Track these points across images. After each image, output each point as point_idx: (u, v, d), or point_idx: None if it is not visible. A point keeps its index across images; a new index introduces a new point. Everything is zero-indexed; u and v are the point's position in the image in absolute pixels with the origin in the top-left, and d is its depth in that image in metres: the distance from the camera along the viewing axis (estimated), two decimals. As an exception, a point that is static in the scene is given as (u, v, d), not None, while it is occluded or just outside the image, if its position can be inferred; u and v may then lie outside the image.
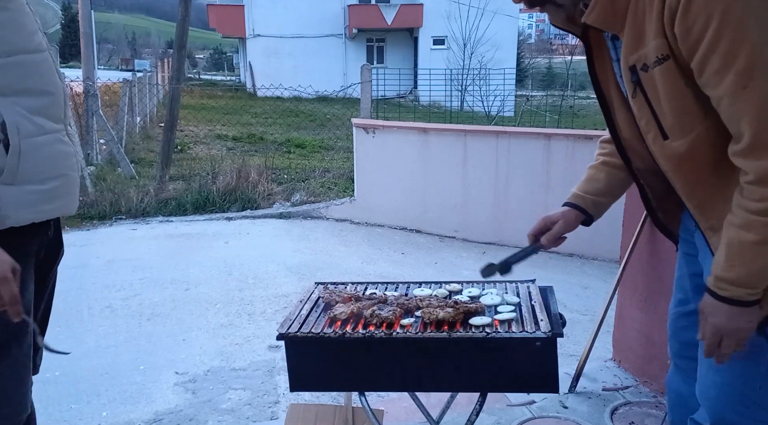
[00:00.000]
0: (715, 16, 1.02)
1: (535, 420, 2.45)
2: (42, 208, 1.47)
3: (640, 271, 2.67)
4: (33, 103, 1.42)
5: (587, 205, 1.62)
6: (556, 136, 5.78)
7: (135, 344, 3.54)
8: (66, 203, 1.55)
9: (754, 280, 1.16)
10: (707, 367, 1.33)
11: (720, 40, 1.03)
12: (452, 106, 13.92)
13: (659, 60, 1.13)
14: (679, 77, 1.13)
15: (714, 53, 1.05)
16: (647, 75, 1.17)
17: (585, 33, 1.31)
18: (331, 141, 11.44)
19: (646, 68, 1.16)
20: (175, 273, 4.89)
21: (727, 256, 1.17)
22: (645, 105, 1.21)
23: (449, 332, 1.56)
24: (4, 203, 1.37)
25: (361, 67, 7.65)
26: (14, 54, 1.40)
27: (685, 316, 1.50)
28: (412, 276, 4.92)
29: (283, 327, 1.63)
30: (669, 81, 1.14)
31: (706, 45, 1.05)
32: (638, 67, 1.18)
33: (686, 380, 1.60)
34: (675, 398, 1.67)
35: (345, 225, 6.68)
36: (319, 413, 2.11)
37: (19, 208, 1.41)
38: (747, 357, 1.24)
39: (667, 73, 1.13)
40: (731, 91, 1.06)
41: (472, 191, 6.14)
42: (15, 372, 1.47)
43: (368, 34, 28.15)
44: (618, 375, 2.82)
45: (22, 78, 1.40)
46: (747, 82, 1.04)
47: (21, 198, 1.41)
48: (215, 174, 7.60)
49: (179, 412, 2.87)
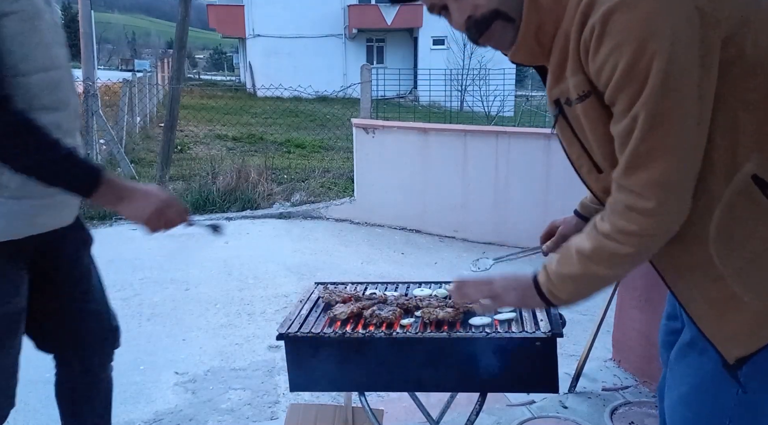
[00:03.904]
0: (624, 58, 0.99)
1: (535, 420, 2.45)
2: (40, 221, 1.49)
3: (639, 272, 2.67)
4: (49, 119, 1.41)
5: (590, 213, 1.63)
6: (556, 136, 5.76)
7: (135, 344, 3.54)
8: (65, 214, 1.58)
9: (558, 279, 1.22)
10: (677, 398, 1.28)
11: (626, 81, 1.01)
12: (452, 106, 13.92)
13: (581, 97, 1.10)
14: (601, 113, 1.10)
15: (620, 92, 1.03)
16: (571, 109, 1.15)
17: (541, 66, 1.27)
18: (331, 141, 11.44)
19: (570, 103, 1.14)
20: (175, 273, 4.89)
21: (559, 253, 1.24)
22: (574, 139, 1.20)
23: (449, 332, 1.56)
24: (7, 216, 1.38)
25: (361, 67, 7.65)
26: (32, 73, 1.39)
27: (673, 333, 1.43)
28: (412, 276, 4.92)
29: (283, 327, 1.64)
30: (592, 117, 1.11)
31: (615, 83, 1.02)
32: (562, 101, 1.16)
33: None
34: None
35: (345, 225, 6.68)
36: (319, 413, 2.11)
37: (15, 220, 1.41)
38: (713, 393, 1.19)
39: (590, 109, 1.11)
40: (624, 132, 1.05)
41: (472, 191, 6.14)
42: (7, 365, 1.48)
43: (368, 34, 28.15)
44: (618, 375, 2.82)
45: (38, 96, 1.39)
46: (634, 126, 1.03)
47: (23, 211, 1.42)
48: (215, 174, 7.59)
49: (179, 412, 2.87)
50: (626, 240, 1.10)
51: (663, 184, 1.04)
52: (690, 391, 1.24)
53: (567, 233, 1.66)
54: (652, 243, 1.11)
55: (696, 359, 1.23)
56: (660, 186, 1.04)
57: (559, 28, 1.11)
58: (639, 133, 1.02)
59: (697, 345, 1.22)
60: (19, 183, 1.38)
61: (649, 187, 1.05)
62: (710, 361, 1.18)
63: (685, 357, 1.26)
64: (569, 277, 1.20)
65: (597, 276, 1.18)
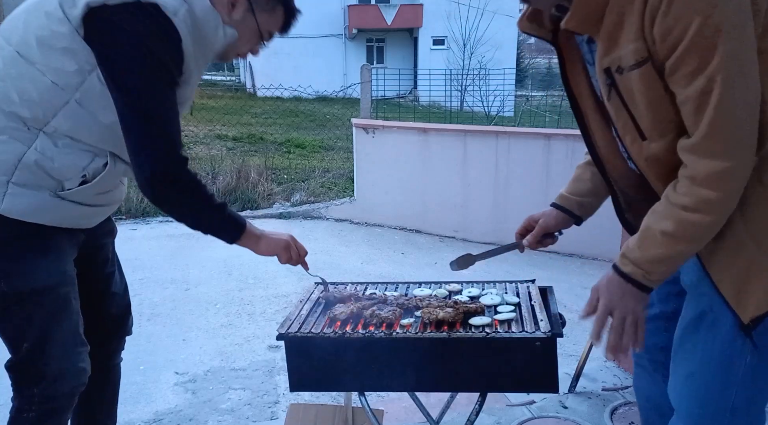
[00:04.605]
0: (696, 19, 1.03)
1: (535, 420, 2.45)
2: (94, 220, 1.68)
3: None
4: (122, 150, 1.52)
5: (571, 206, 1.63)
6: (555, 136, 5.78)
7: (135, 344, 3.52)
8: (108, 212, 1.74)
9: (649, 265, 1.21)
10: (684, 373, 1.32)
11: (697, 44, 1.05)
12: (452, 106, 13.90)
13: (638, 63, 1.13)
14: (657, 80, 1.13)
15: (689, 55, 1.06)
16: (622, 77, 1.17)
17: (555, 37, 1.31)
18: (331, 141, 11.44)
19: (621, 71, 1.16)
20: (175, 273, 4.89)
21: (639, 238, 1.22)
22: (621, 107, 1.21)
23: (449, 332, 1.57)
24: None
25: (361, 67, 7.64)
26: None
27: (649, 321, 1.49)
28: (412, 276, 4.92)
29: (283, 327, 1.64)
30: (646, 84, 1.14)
31: (684, 46, 1.06)
32: (613, 70, 1.18)
33: (652, 381, 1.61)
34: (645, 403, 1.68)
35: (345, 225, 6.68)
36: (319, 413, 2.11)
37: (75, 218, 1.58)
38: (723, 364, 1.25)
39: (646, 77, 1.13)
40: (698, 94, 1.07)
41: (472, 191, 6.14)
42: (70, 329, 1.61)
43: (368, 34, 28.14)
44: (618, 375, 2.82)
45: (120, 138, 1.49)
46: (712, 87, 1.06)
47: (83, 213, 1.59)
48: (215, 174, 7.59)
49: (179, 412, 2.87)
50: (710, 208, 1.13)
51: (740, 140, 1.08)
52: (700, 366, 1.28)
53: (548, 226, 1.66)
54: (731, 205, 1.14)
55: (705, 333, 1.26)
56: (739, 142, 1.08)
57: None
58: (718, 94, 1.05)
59: (707, 319, 1.26)
60: (79, 193, 1.53)
61: (730, 146, 1.08)
62: (721, 332, 1.23)
63: (694, 334, 1.29)
64: (658, 260, 1.21)
65: (685, 253, 1.20)
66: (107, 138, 1.50)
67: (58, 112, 1.43)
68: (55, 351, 1.57)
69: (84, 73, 1.42)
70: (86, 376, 1.65)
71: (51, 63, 1.40)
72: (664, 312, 1.54)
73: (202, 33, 1.51)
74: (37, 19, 1.41)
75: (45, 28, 1.40)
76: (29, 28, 1.42)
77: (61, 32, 1.39)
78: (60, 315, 1.57)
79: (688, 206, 1.14)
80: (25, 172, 1.45)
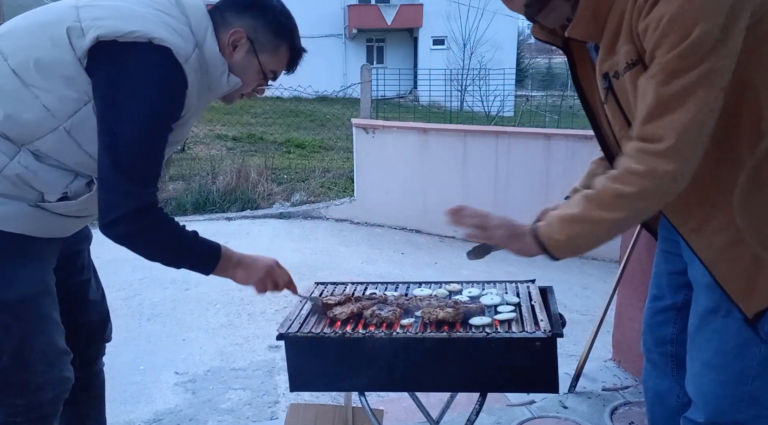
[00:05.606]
0: (668, 12, 1.06)
1: (535, 420, 2.45)
2: (72, 229, 1.64)
3: (639, 271, 2.67)
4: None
5: None
6: (555, 136, 5.78)
7: (135, 344, 3.54)
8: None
9: (557, 225, 1.29)
10: (701, 365, 1.34)
11: (666, 34, 1.08)
12: (452, 106, 13.91)
13: (629, 65, 1.17)
14: None
15: (662, 42, 1.09)
16: (619, 82, 1.21)
17: (566, 44, 1.36)
18: (331, 141, 11.44)
19: (618, 76, 1.21)
20: (175, 273, 4.86)
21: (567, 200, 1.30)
22: (617, 110, 1.26)
23: (449, 332, 1.56)
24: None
25: (361, 67, 7.65)
26: None
27: (660, 312, 1.53)
28: (412, 276, 4.92)
29: (283, 327, 1.64)
30: (636, 85, 1.18)
31: (656, 36, 1.09)
32: (610, 75, 1.23)
33: (662, 376, 1.63)
34: (653, 397, 1.69)
35: (345, 225, 6.68)
36: (319, 413, 2.11)
37: (54, 228, 1.55)
38: (738, 354, 1.28)
39: (635, 78, 1.17)
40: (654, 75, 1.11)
41: (472, 191, 6.14)
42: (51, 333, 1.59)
43: (368, 34, 28.13)
44: (618, 375, 2.82)
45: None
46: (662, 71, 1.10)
47: (61, 224, 1.55)
48: (215, 174, 7.59)
49: (179, 412, 2.87)
50: (631, 179, 1.16)
51: (675, 128, 1.10)
52: (715, 355, 1.31)
53: None
54: (654, 185, 1.16)
55: (720, 323, 1.29)
56: (673, 129, 1.10)
57: (613, 5, 1.18)
58: (662, 79, 1.09)
59: (721, 310, 1.28)
60: (60, 207, 1.51)
61: (662, 129, 1.11)
62: (735, 323, 1.26)
63: (709, 324, 1.32)
64: (568, 218, 1.26)
65: (597, 220, 1.23)
66: (90, 166, 1.47)
67: (44, 136, 1.40)
68: (37, 361, 1.53)
69: (81, 102, 1.38)
70: (70, 383, 1.62)
71: (48, 88, 1.36)
72: (674, 303, 1.56)
73: (207, 79, 1.48)
74: (41, 41, 1.38)
75: (48, 54, 1.36)
76: (30, 49, 1.38)
77: (65, 60, 1.35)
78: (40, 325, 1.54)
79: (616, 176, 1.20)
80: (6, 183, 1.42)
